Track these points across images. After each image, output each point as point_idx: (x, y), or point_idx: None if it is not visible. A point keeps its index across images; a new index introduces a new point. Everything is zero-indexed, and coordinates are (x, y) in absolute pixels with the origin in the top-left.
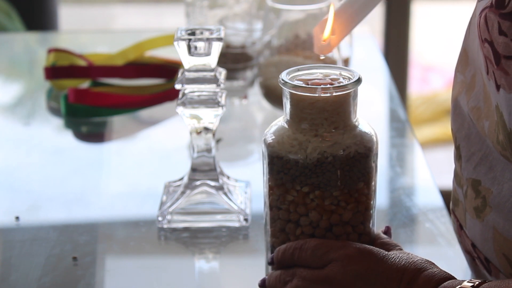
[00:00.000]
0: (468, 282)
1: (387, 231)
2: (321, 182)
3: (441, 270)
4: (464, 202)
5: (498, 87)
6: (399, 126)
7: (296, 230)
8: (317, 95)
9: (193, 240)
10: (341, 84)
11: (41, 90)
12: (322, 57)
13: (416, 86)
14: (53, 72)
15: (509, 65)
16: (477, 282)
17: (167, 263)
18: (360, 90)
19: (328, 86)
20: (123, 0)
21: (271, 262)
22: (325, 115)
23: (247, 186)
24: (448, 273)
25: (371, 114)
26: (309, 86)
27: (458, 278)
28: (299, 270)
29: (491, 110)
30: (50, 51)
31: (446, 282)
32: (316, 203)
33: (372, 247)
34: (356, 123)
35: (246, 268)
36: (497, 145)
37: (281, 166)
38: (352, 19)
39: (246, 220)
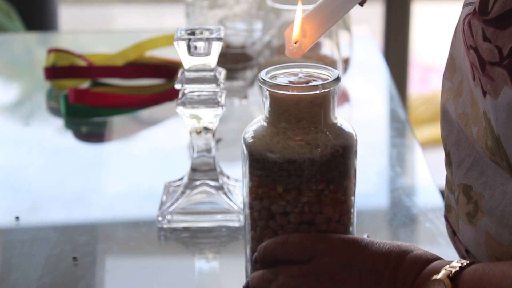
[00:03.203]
0: (457, 262)
1: None
2: (335, 176)
3: (426, 251)
4: (456, 208)
5: (484, 93)
6: (399, 126)
7: (310, 230)
8: (318, 91)
9: (193, 240)
10: (331, 78)
11: (41, 90)
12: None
13: (416, 86)
14: (53, 72)
15: (494, 71)
16: (466, 263)
17: (167, 263)
18: (360, 90)
19: (324, 82)
20: (123, 0)
21: (255, 261)
22: (322, 111)
23: None
24: (435, 254)
25: (371, 114)
26: (309, 85)
27: None
28: (283, 268)
29: (478, 116)
30: (50, 51)
31: (435, 262)
32: (330, 198)
33: (355, 236)
34: (335, 119)
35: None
36: (486, 150)
37: (294, 170)
38: (325, 22)
39: None
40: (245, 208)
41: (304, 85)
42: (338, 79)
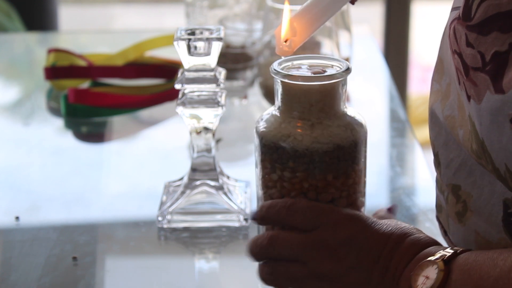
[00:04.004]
0: (451, 248)
1: (393, 210)
2: (365, 154)
3: (427, 236)
4: (446, 207)
5: (469, 97)
6: (399, 126)
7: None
8: (336, 80)
9: (193, 240)
10: (345, 67)
11: (41, 90)
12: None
13: (416, 86)
14: (53, 72)
15: (477, 76)
16: (461, 249)
17: (167, 263)
18: (360, 90)
19: (346, 68)
20: (123, 0)
21: (253, 218)
22: (341, 98)
23: (247, 186)
24: (435, 239)
25: (371, 114)
26: (326, 74)
27: None
28: (282, 234)
29: (465, 119)
30: (50, 51)
31: (431, 247)
32: (364, 175)
33: (361, 213)
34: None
35: (246, 268)
36: (472, 153)
37: (342, 155)
38: (315, 20)
39: (246, 220)
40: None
41: (328, 74)
42: (349, 69)
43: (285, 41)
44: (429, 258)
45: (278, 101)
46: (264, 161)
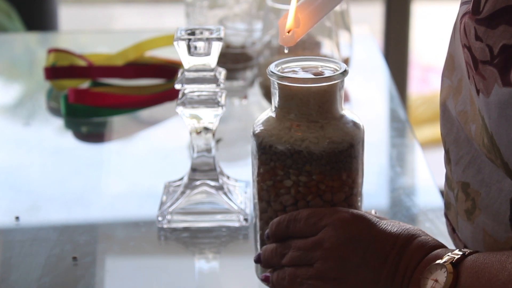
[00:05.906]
0: (459, 250)
1: None
2: (363, 155)
3: (433, 238)
4: (456, 205)
5: (478, 91)
6: (399, 126)
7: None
8: (338, 81)
9: (193, 240)
10: (343, 68)
11: (41, 90)
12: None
13: (416, 86)
14: (53, 72)
15: (486, 70)
16: (468, 251)
17: (167, 263)
18: (360, 90)
19: (335, 73)
20: (123, 0)
21: (267, 238)
22: (342, 97)
23: (247, 186)
24: (441, 242)
25: (371, 114)
26: (326, 76)
27: None
28: (294, 242)
29: (476, 114)
30: (50, 51)
31: (439, 249)
32: (361, 177)
33: (365, 212)
34: None
35: (246, 268)
36: (483, 148)
37: (354, 153)
38: (318, 12)
39: (246, 220)
40: (274, 214)
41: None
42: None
43: (288, 32)
44: (438, 261)
45: (276, 104)
46: (274, 168)
